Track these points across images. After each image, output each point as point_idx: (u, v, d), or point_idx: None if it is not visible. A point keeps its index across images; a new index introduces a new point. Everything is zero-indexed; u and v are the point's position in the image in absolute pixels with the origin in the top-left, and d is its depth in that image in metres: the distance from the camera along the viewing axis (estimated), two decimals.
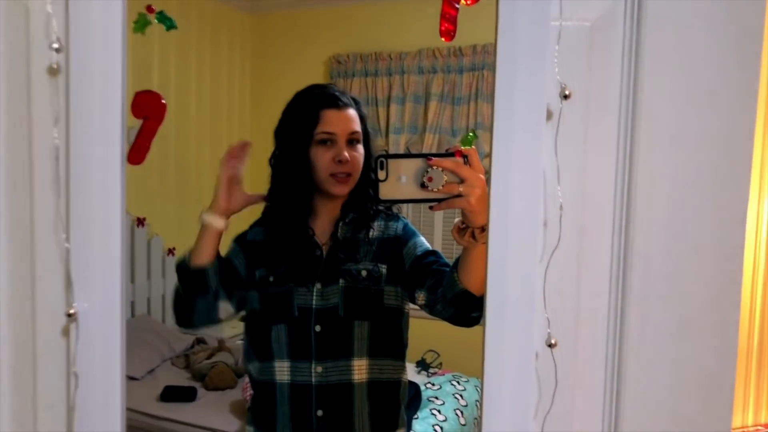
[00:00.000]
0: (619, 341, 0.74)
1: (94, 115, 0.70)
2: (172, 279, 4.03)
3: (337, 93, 1.38)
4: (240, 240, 1.49)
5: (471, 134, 1.07)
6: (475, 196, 0.98)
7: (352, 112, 1.38)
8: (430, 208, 1.01)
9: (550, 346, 0.72)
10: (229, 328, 3.82)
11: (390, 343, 1.41)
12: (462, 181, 0.97)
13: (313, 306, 1.36)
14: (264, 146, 1.47)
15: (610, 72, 0.72)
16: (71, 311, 0.72)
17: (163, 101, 0.80)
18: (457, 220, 1.08)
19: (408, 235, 1.40)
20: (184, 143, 3.93)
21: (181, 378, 3.06)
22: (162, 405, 2.74)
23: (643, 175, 0.72)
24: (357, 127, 1.37)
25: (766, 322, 1.35)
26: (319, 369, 1.35)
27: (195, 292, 1.35)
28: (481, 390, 0.75)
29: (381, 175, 0.95)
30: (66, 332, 0.74)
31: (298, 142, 1.36)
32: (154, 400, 2.77)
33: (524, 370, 0.73)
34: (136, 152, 0.75)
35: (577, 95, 0.71)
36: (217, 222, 1.32)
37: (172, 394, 2.79)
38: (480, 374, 0.78)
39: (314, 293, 1.37)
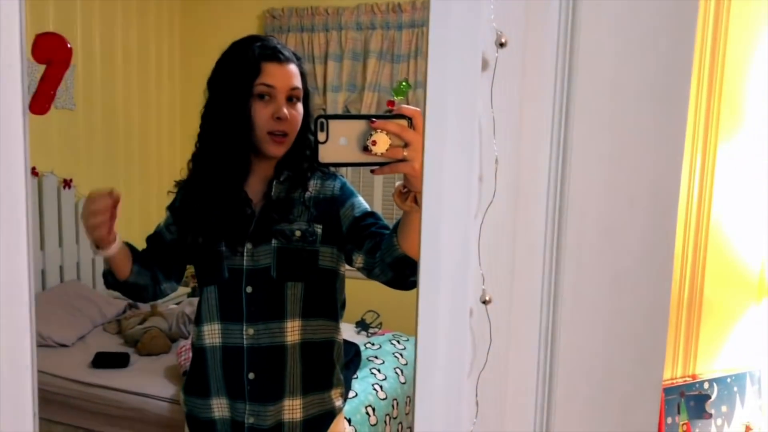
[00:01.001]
0: (553, 296, 0.73)
1: None
2: None
3: (278, 46, 1.33)
4: (171, 207, 1.45)
5: (404, 83, 1.04)
6: (419, 161, 0.95)
7: (293, 67, 1.33)
8: (372, 171, 0.97)
9: (485, 302, 0.71)
10: None
11: (323, 304, 1.39)
12: (406, 144, 0.93)
13: (244, 267, 1.33)
14: (193, 103, 1.40)
15: (547, 19, 0.69)
16: None
17: (69, 45, 0.73)
18: (398, 183, 1.05)
19: (346, 195, 1.36)
20: (111, 102, 3.76)
21: (113, 344, 2.98)
22: (94, 372, 2.66)
23: (580, 128, 0.71)
24: (298, 83, 1.32)
25: (696, 276, 1.38)
26: (251, 331, 1.32)
27: (135, 293, 1.42)
28: (415, 347, 0.73)
29: (321, 136, 0.90)
30: None
31: (235, 94, 1.29)
32: (85, 366, 2.69)
33: (458, 327, 0.71)
34: (41, 100, 0.69)
35: (514, 43, 0.69)
36: (109, 252, 1.31)
37: (104, 361, 2.71)
38: None
39: (245, 254, 1.32)
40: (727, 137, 1.35)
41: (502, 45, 0.68)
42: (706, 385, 1.36)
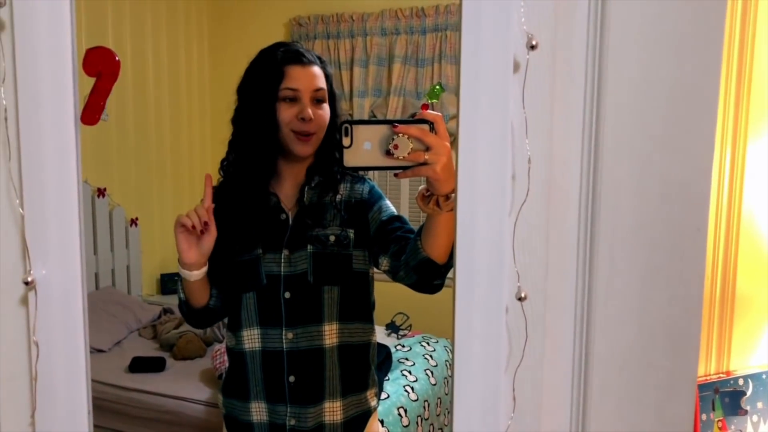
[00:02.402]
0: (587, 292, 0.74)
1: (43, 72, 0.66)
2: (136, 250, 3.96)
3: (301, 50, 1.35)
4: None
5: (438, 87, 1.06)
6: (440, 164, 0.96)
7: (316, 69, 1.35)
8: (396, 175, 1.00)
9: (520, 299, 0.72)
10: None
11: (359, 307, 1.41)
12: (428, 148, 0.95)
13: (282, 273, 1.35)
14: (222, 111, 1.43)
15: (576, 20, 0.71)
16: (29, 279, 0.69)
17: (117, 58, 0.76)
18: (422, 187, 1.07)
19: (374, 198, 1.39)
20: (142, 111, 3.83)
21: (149, 349, 3.03)
22: (131, 376, 2.70)
23: (611, 126, 0.72)
24: (322, 84, 1.34)
25: (728, 272, 1.37)
26: (290, 335, 1.35)
27: (211, 319, 1.44)
28: (452, 345, 0.75)
29: (345, 141, 0.94)
30: (24, 301, 0.71)
31: (262, 98, 1.32)
32: (122, 371, 2.74)
33: (494, 324, 0.73)
34: (90, 111, 0.72)
35: (544, 46, 0.70)
36: (194, 276, 1.31)
37: (140, 365, 2.76)
38: (449, 335, 0.77)
39: (282, 260, 1.35)
40: (756, 133, 1.34)
41: (533, 47, 0.69)
42: (741, 382, 1.35)
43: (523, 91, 0.70)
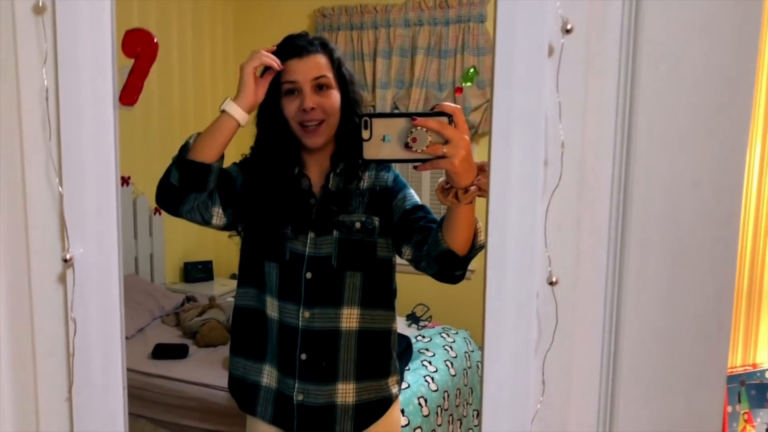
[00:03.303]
0: (618, 278, 0.74)
1: (83, 53, 0.67)
2: (160, 238, 4.00)
3: (302, 42, 1.35)
4: (240, 165, 1.45)
5: (472, 70, 1.06)
6: (458, 157, 0.97)
7: (318, 57, 1.35)
8: (415, 167, 1.00)
9: (551, 284, 0.72)
10: (219, 286, 3.82)
11: (381, 294, 1.42)
12: (446, 141, 0.96)
13: (306, 253, 1.37)
14: None
15: (611, 4, 0.70)
16: (67, 256, 0.71)
17: (155, 39, 0.77)
18: (441, 180, 1.07)
19: (398, 186, 1.40)
20: (167, 101, 3.86)
21: (172, 336, 3.06)
22: (154, 362, 2.73)
23: (644, 111, 0.72)
24: (323, 71, 1.34)
25: (756, 265, 1.36)
26: (307, 314, 1.36)
27: (191, 186, 1.31)
28: (483, 330, 0.75)
29: (365, 134, 0.95)
30: (62, 278, 0.73)
31: (270, 96, 1.34)
32: (145, 358, 2.77)
33: (525, 308, 0.73)
34: (129, 92, 0.73)
35: (579, 29, 0.70)
36: (240, 115, 1.26)
37: (163, 352, 2.78)
38: (469, 326, 0.78)
39: (308, 241, 1.37)
40: None
41: (567, 31, 0.69)
42: (767, 374, 1.34)
43: (557, 76, 0.70)
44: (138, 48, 0.76)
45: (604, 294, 0.75)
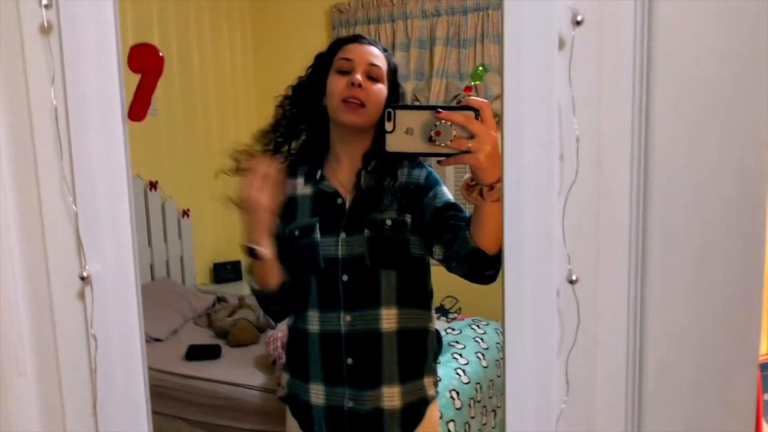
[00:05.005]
0: (641, 272, 0.72)
1: (90, 71, 0.68)
2: (189, 240, 4.04)
3: (367, 37, 1.41)
4: None
5: (480, 68, 1.04)
6: (484, 153, 0.94)
7: (376, 49, 1.38)
8: (439, 162, 0.98)
9: (571, 282, 0.71)
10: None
11: (417, 293, 1.41)
12: (472, 136, 0.94)
13: (339, 256, 1.36)
14: (267, 99, 1.44)
15: None
16: (84, 274, 0.71)
17: (161, 54, 0.77)
18: (466, 176, 1.05)
19: (430, 184, 1.37)
20: (190, 103, 3.89)
21: (204, 337, 3.09)
22: (187, 364, 2.76)
23: (660, 102, 0.70)
24: (379, 62, 1.35)
25: None
26: (348, 318, 1.35)
27: (285, 303, 1.41)
28: (503, 330, 0.74)
29: (388, 126, 0.93)
30: (81, 295, 0.73)
31: (318, 69, 1.36)
32: (179, 359, 2.80)
33: (545, 307, 0.72)
34: (137, 107, 0.73)
35: (590, 21, 0.68)
36: (264, 253, 1.28)
37: (196, 353, 2.81)
38: (499, 317, 0.77)
39: (339, 243, 1.36)
40: None
41: (578, 23, 0.67)
42: None
43: (569, 69, 0.68)
44: (143, 63, 0.76)
45: (627, 290, 0.73)
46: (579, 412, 0.73)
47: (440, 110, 0.92)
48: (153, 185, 3.59)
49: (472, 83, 3.30)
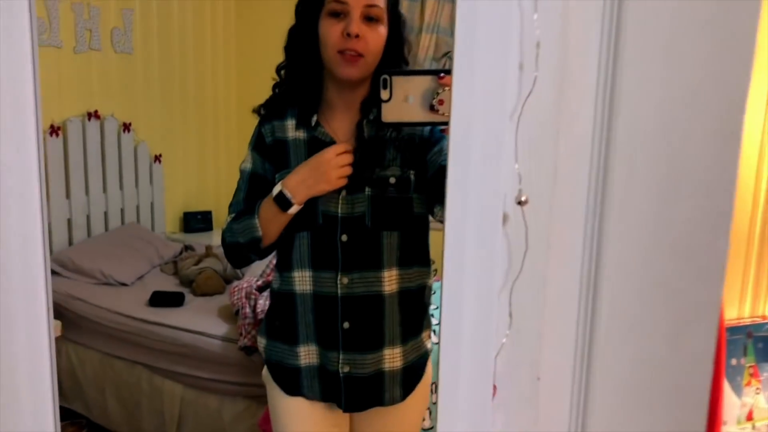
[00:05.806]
0: (600, 200, 0.65)
1: None
2: (160, 187, 3.96)
3: None
4: (259, 148, 1.36)
5: None
6: None
7: None
8: (441, 131, 0.90)
9: (520, 203, 0.64)
10: (218, 237, 3.78)
11: (418, 251, 1.35)
12: None
13: (339, 214, 1.28)
14: (247, 47, 1.35)
15: None
16: None
17: None
18: None
19: (435, 137, 1.27)
20: (167, 47, 3.76)
21: (169, 284, 3.04)
22: (151, 310, 2.72)
23: (635, 8, 0.62)
24: (377, 1, 1.21)
25: None
26: (345, 280, 1.28)
27: (260, 256, 1.36)
28: (442, 260, 0.67)
29: (384, 95, 0.85)
30: None
31: (308, 13, 1.24)
32: (143, 304, 2.76)
33: (489, 231, 0.64)
34: None
35: None
36: (295, 211, 1.27)
37: (160, 299, 2.76)
38: None
39: (339, 200, 1.27)
40: None
41: None
42: None
43: None
44: None
45: (584, 218, 0.66)
46: (522, 348, 0.66)
47: (443, 74, 0.83)
48: (126, 127, 3.48)
49: None
